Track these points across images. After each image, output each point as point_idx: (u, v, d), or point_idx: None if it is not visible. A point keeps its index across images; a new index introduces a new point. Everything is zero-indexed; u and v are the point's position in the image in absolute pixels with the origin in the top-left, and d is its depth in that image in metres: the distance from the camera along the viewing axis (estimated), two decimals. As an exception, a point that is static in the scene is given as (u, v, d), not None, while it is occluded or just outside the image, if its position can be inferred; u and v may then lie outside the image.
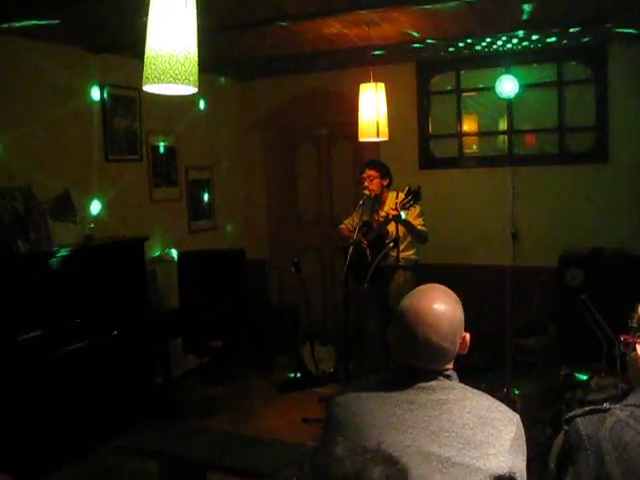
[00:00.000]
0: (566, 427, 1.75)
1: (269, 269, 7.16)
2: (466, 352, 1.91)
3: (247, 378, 6.07)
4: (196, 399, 5.64)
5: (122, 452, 3.87)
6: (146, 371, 5.37)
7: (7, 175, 4.61)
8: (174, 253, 5.97)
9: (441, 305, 1.84)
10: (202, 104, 6.74)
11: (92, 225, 5.15)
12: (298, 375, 6.17)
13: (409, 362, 1.86)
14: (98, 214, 5.39)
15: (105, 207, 5.48)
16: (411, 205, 4.99)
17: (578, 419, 1.71)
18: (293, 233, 7.45)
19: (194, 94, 2.27)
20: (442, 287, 1.94)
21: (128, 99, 5.68)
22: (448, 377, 1.84)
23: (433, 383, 1.82)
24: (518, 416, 1.82)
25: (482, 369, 5.77)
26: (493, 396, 1.87)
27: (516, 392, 5.17)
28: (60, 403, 4.37)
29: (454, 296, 1.91)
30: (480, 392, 1.86)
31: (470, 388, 1.86)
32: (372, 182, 5.42)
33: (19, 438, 4.06)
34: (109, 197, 5.52)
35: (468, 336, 1.91)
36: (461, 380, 1.90)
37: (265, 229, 7.51)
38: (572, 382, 4.23)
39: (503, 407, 1.83)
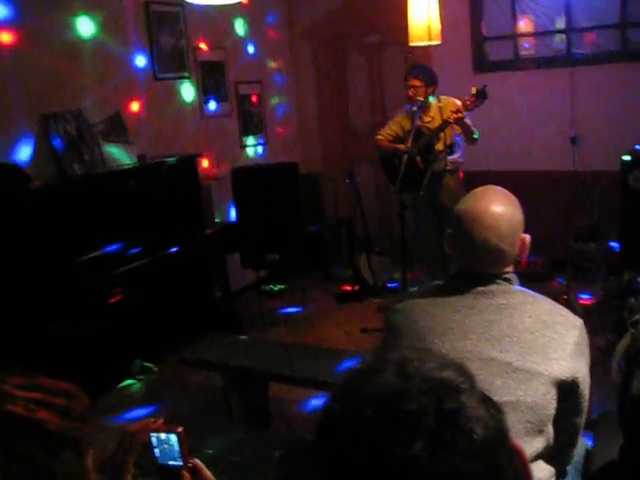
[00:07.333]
0: (632, 330, 1.70)
1: (323, 181, 7.13)
2: (526, 255, 1.84)
3: (304, 290, 6.12)
4: (255, 312, 5.72)
5: (186, 364, 3.96)
6: (206, 286, 5.46)
7: (57, 99, 4.62)
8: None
9: (499, 206, 1.78)
10: (248, 17, 6.58)
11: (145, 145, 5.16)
12: (355, 286, 6.18)
13: (467, 266, 1.82)
14: (150, 133, 5.39)
15: (157, 126, 5.47)
16: (477, 106, 4.87)
17: (645, 321, 1.66)
18: (346, 144, 7.35)
19: (239, 4, 2.20)
20: (499, 188, 1.87)
21: (173, 15, 5.58)
22: (508, 280, 1.79)
23: (493, 287, 1.78)
24: (581, 320, 1.78)
25: (543, 276, 5.71)
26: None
27: (577, 298, 5.12)
28: (123, 320, 4.49)
29: (512, 197, 1.84)
30: (542, 296, 1.82)
31: (531, 292, 1.82)
32: (417, 92, 5.20)
33: (85, 357, 4.18)
34: (160, 116, 5.51)
35: (528, 238, 1.83)
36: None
37: (317, 141, 7.42)
38: (635, 287, 4.14)
39: (565, 311, 1.79)
